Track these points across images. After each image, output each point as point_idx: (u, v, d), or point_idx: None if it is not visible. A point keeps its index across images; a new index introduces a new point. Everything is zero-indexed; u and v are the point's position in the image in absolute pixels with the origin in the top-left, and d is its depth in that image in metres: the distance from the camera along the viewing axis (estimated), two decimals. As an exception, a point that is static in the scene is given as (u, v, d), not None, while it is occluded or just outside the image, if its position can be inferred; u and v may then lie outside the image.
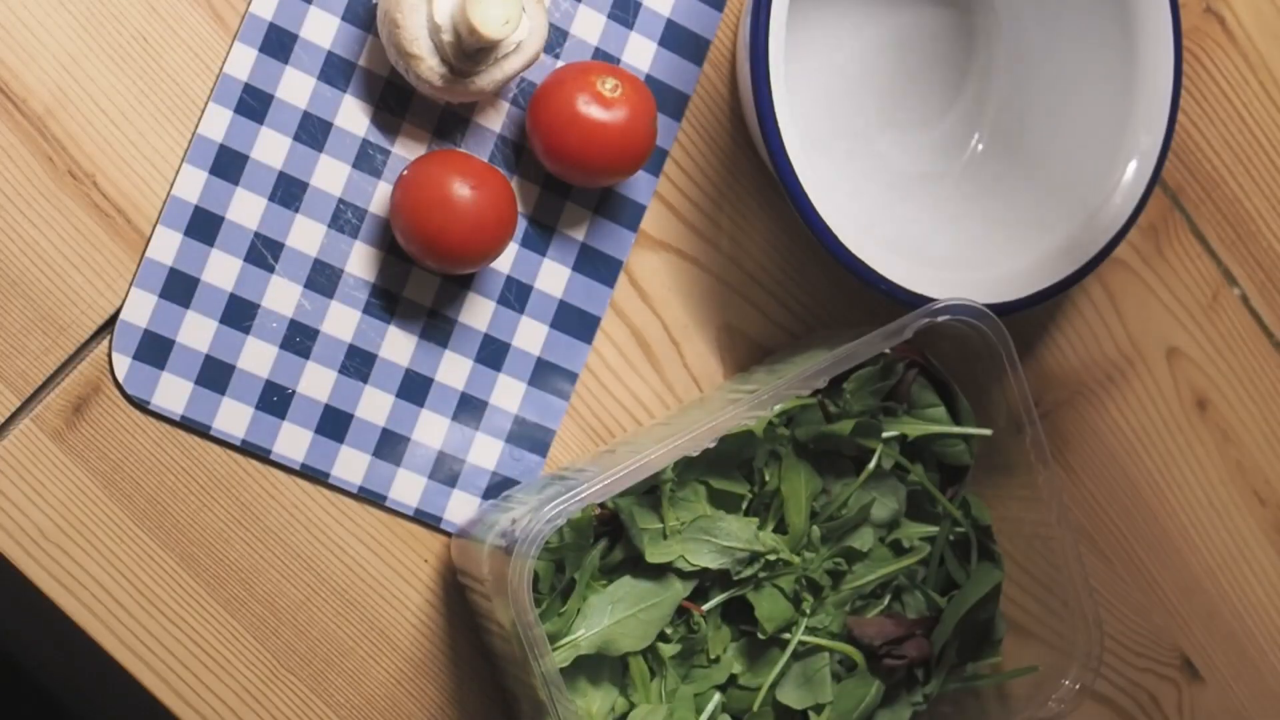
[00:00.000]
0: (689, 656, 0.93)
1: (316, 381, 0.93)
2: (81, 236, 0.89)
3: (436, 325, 0.95)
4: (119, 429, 0.91)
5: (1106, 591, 1.07)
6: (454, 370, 0.95)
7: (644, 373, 0.98)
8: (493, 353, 0.96)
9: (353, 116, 0.93)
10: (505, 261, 0.95)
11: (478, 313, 0.95)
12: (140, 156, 0.90)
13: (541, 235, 0.96)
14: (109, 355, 0.90)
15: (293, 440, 0.93)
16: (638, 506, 0.91)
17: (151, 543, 0.92)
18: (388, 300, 0.94)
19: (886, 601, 0.97)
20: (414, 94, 0.93)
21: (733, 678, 0.94)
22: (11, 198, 0.88)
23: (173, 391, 0.91)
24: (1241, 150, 1.08)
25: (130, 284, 0.90)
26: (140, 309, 0.90)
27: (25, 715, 1.37)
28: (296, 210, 0.92)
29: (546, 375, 0.96)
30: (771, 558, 0.92)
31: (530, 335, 0.96)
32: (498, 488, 0.96)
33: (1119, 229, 0.98)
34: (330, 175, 0.92)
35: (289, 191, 0.92)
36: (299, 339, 0.93)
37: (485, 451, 0.96)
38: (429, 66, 0.89)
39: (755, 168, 0.99)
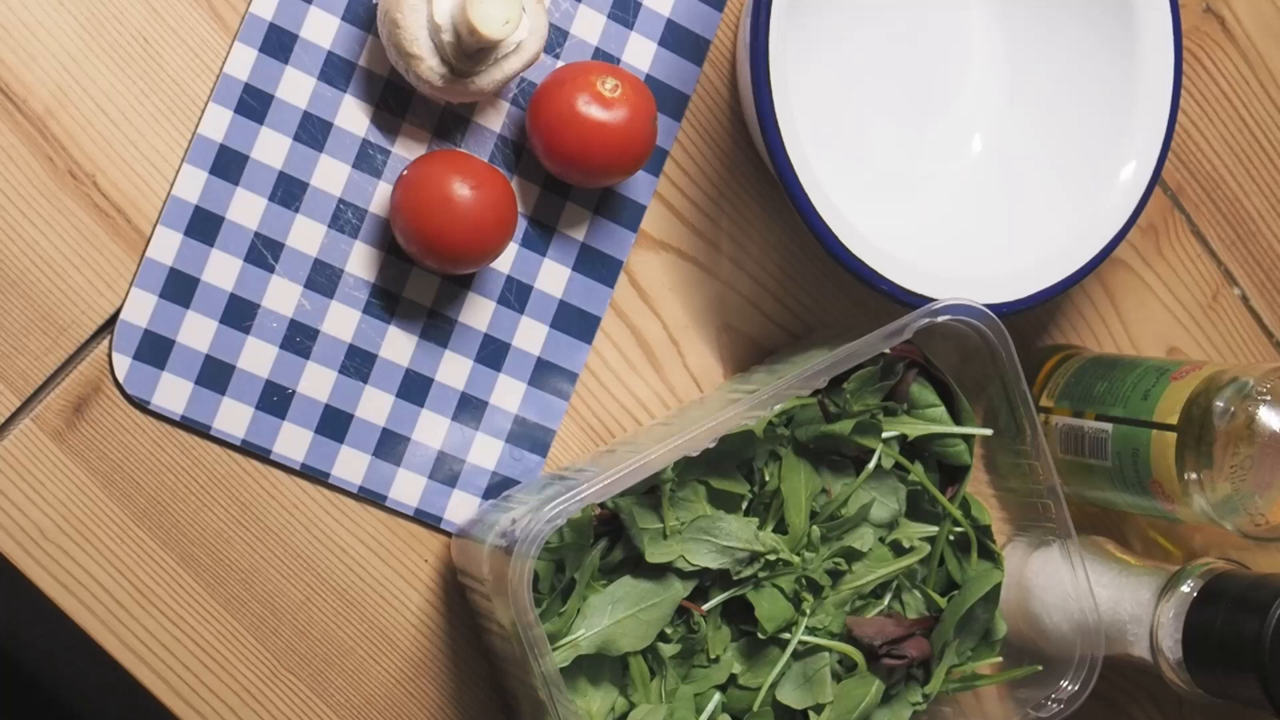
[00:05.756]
0: (689, 656, 0.93)
1: (316, 381, 0.93)
2: (81, 236, 0.89)
3: (436, 325, 0.95)
4: (119, 429, 0.91)
5: (1106, 591, 1.07)
6: (454, 370, 0.95)
7: (644, 373, 0.98)
8: (493, 353, 0.96)
9: (353, 116, 0.93)
10: (505, 261, 0.95)
11: (478, 313, 0.95)
12: (140, 156, 0.90)
13: (541, 235, 0.96)
14: (109, 355, 0.90)
15: (293, 440, 0.93)
16: (638, 506, 0.91)
17: (151, 543, 0.92)
18: (388, 300, 0.94)
19: (886, 601, 0.97)
20: (414, 94, 0.93)
21: (733, 678, 0.94)
22: (11, 198, 0.88)
23: (173, 391, 0.91)
24: (1241, 150, 1.08)
25: (130, 284, 0.90)
26: (140, 309, 0.90)
27: (25, 715, 1.37)
28: (296, 210, 0.92)
29: (546, 375, 0.96)
30: (771, 558, 0.92)
31: (530, 335, 0.96)
32: (498, 488, 0.96)
33: (1119, 229, 0.98)
34: (330, 175, 0.92)
35: (289, 191, 0.92)
36: (299, 339, 0.93)
37: (485, 451, 0.96)
38: (429, 66, 0.89)
39: (755, 168, 0.99)
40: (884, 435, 0.95)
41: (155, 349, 0.91)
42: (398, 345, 0.94)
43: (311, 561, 0.94)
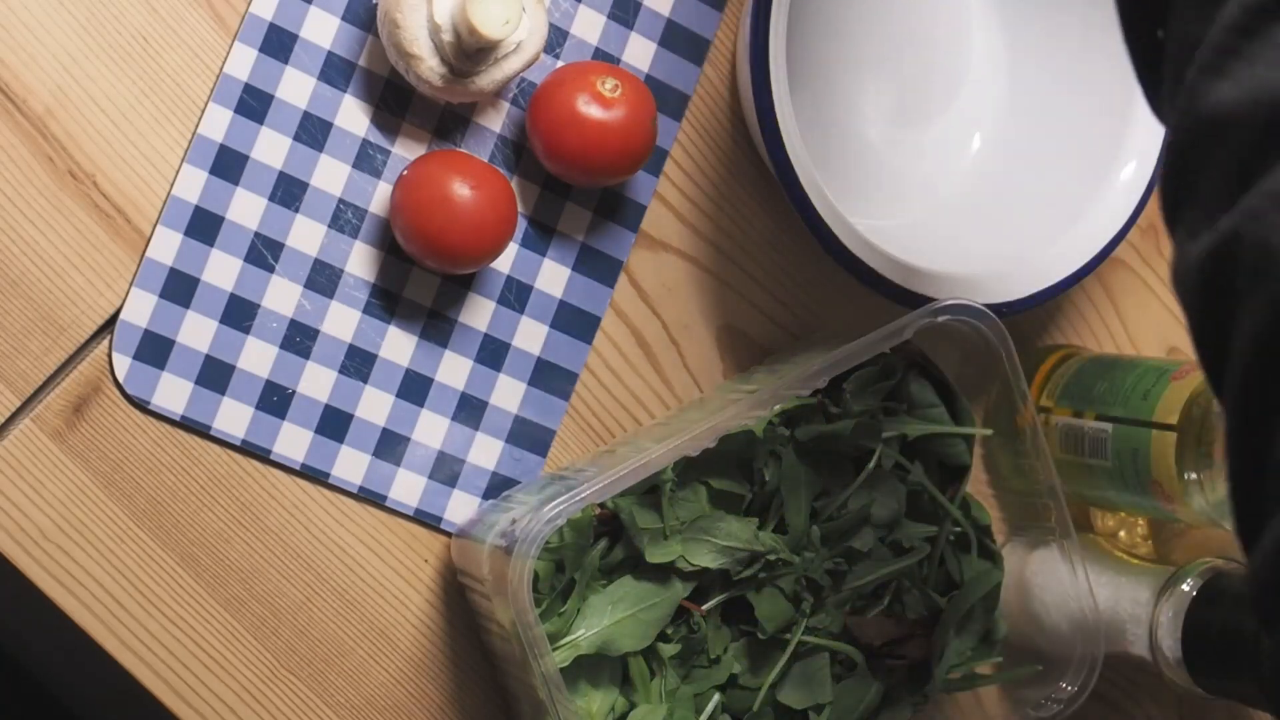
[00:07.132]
0: (689, 656, 0.93)
1: (316, 381, 0.93)
2: (81, 236, 0.89)
3: (436, 325, 0.95)
4: (119, 429, 0.91)
5: (1106, 591, 1.07)
6: (454, 370, 0.95)
7: (644, 373, 0.98)
8: (493, 353, 0.96)
9: (353, 116, 0.93)
10: (505, 261, 0.95)
11: (478, 313, 0.95)
12: (140, 156, 0.90)
13: (541, 235, 0.96)
14: (109, 355, 0.90)
15: (293, 440, 0.93)
16: (638, 506, 0.91)
17: (151, 543, 0.92)
18: (388, 300, 0.94)
19: (886, 601, 0.97)
20: (414, 94, 0.93)
21: (733, 678, 0.94)
22: (11, 198, 0.88)
23: (173, 391, 0.91)
24: (1241, 150, 1.08)
25: (130, 284, 0.90)
26: (140, 309, 0.90)
27: (25, 716, 1.37)
28: (296, 210, 0.92)
29: (546, 375, 0.96)
30: (771, 558, 0.92)
31: (530, 335, 0.96)
32: (498, 488, 0.96)
33: (1119, 229, 0.98)
34: (330, 175, 0.92)
35: (289, 191, 0.92)
36: (299, 339, 0.93)
37: (485, 451, 0.96)
38: (429, 66, 0.89)
39: (755, 168, 0.99)
40: (884, 435, 0.95)
41: (155, 349, 0.91)
42: (398, 345, 0.94)
43: (311, 561, 0.94)
